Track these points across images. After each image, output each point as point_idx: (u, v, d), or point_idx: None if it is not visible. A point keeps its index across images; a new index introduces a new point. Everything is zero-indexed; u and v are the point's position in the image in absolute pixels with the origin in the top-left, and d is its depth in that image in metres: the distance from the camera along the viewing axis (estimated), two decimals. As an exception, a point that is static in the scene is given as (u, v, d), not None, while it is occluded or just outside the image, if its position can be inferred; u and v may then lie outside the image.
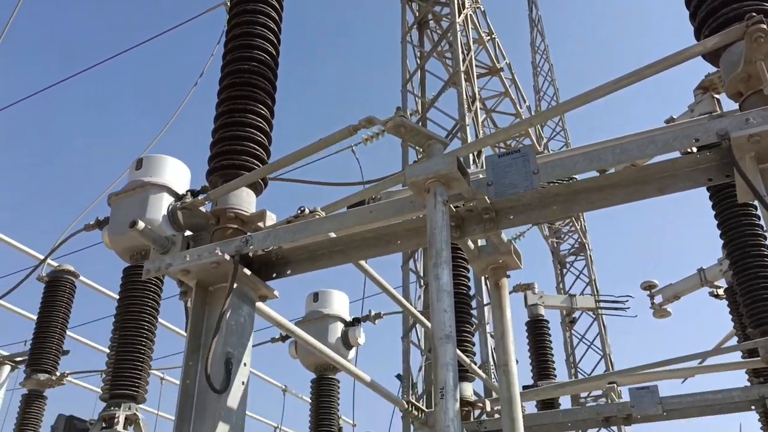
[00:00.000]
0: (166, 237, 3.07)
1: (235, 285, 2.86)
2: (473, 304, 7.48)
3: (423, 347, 9.30)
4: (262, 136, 3.39)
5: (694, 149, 2.59)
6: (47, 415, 7.01)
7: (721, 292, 6.99)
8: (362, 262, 3.83)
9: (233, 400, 2.79)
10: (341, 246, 2.99)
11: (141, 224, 2.95)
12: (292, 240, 2.91)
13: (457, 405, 2.17)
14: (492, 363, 8.18)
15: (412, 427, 8.91)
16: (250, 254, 2.98)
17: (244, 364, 2.90)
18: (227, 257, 2.87)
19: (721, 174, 2.50)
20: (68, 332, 7.29)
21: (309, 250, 3.03)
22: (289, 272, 3.08)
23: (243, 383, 2.86)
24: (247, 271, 2.96)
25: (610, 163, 2.51)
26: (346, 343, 7.04)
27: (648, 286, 8.15)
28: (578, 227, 15.39)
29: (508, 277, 3.14)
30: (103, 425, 4.82)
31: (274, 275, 3.10)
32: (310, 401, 7.34)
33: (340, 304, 7.24)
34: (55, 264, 7.56)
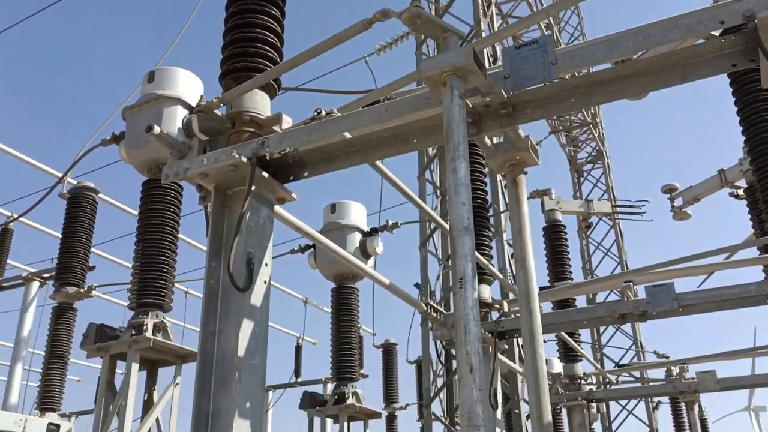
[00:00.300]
0: (182, 142, 3.07)
1: (253, 187, 2.87)
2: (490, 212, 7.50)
3: (440, 256, 9.43)
4: (274, 37, 3.33)
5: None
6: (77, 327, 7.26)
7: (741, 192, 6.93)
8: (379, 164, 3.82)
9: (256, 298, 2.86)
10: (357, 146, 2.98)
11: (157, 129, 2.94)
12: (308, 140, 2.89)
13: (476, 294, 2.20)
14: (509, 270, 8.28)
15: (430, 334, 9.15)
16: (267, 156, 2.99)
17: (266, 264, 2.95)
18: (244, 159, 2.87)
19: (746, 59, 2.44)
20: (92, 249, 7.45)
21: (325, 152, 3.03)
22: (306, 174, 3.08)
23: (265, 282, 2.92)
24: (265, 174, 2.97)
25: (631, 50, 2.44)
26: (365, 252, 7.14)
27: (668, 189, 8.12)
28: (596, 135, 15.22)
29: (525, 173, 3.13)
30: (133, 332, 4.98)
31: (292, 178, 3.11)
32: (330, 312, 7.52)
33: (357, 214, 7.29)
34: (75, 182, 7.66)
